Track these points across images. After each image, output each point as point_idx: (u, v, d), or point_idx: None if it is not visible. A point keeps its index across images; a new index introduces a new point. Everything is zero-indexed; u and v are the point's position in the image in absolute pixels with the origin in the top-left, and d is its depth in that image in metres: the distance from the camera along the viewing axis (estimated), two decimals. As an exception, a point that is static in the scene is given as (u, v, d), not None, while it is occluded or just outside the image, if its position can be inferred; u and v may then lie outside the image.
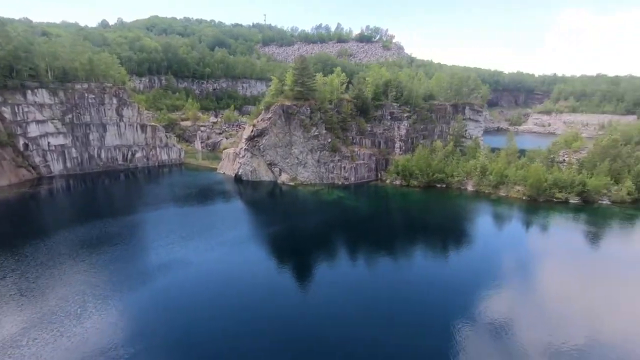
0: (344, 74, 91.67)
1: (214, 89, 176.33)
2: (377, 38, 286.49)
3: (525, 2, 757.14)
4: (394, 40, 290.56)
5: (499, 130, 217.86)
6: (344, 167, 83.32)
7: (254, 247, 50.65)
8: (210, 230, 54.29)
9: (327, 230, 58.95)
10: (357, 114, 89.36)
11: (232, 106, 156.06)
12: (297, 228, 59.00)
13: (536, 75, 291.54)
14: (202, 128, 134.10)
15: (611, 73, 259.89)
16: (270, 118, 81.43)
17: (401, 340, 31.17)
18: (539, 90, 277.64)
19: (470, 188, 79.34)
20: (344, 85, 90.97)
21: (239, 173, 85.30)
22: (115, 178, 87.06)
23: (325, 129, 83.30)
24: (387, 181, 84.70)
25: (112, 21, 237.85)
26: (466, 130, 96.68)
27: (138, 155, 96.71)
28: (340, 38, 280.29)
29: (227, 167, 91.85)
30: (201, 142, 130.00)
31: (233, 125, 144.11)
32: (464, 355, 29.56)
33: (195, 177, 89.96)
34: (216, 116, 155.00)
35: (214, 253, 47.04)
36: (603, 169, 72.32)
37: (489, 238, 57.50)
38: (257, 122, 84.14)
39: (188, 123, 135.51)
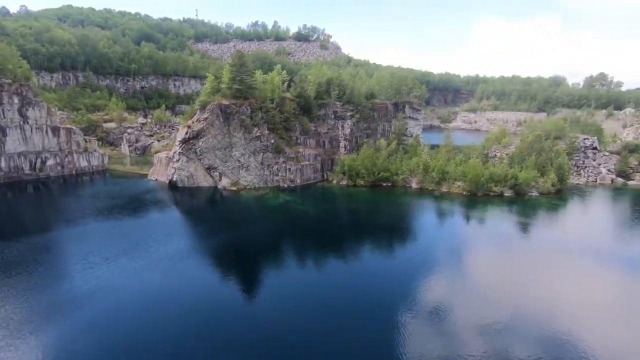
0: (284, 71, 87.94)
1: (142, 87, 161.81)
2: (314, 37, 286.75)
3: (446, 8, 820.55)
4: (331, 40, 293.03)
5: (432, 128, 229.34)
6: (289, 169, 79.77)
7: (194, 262, 44.87)
8: (140, 247, 47.32)
9: (274, 237, 54.99)
10: (300, 113, 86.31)
11: (164, 106, 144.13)
12: (242, 237, 54.28)
13: (462, 76, 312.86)
14: (129, 130, 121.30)
15: (524, 74, 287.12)
16: (206, 118, 74.97)
17: (350, 334, 31.34)
18: (464, 89, 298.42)
19: (414, 185, 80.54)
20: (285, 84, 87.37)
21: (174, 179, 77.49)
22: (20, 190, 74.14)
23: (268, 130, 78.98)
24: (334, 181, 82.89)
25: (13, 9, 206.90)
26: (407, 129, 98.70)
27: (50, 162, 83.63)
28: (278, 36, 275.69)
29: (159, 173, 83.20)
30: (129, 146, 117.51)
31: (165, 127, 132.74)
32: (408, 339, 30.91)
33: (122, 185, 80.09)
34: (145, 117, 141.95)
35: (145, 274, 40.63)
36: (530, 163, 77.70)
37: (432, 233, 58.74)
38: (193, 123, 77.06)
39: (112, 125, 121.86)
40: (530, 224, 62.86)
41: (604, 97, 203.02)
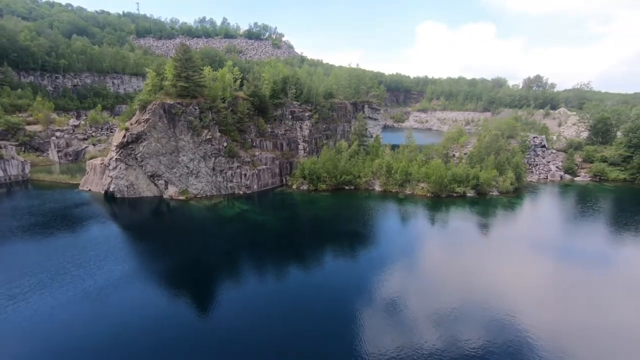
0: (236, 68, 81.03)
1: (75, 85, 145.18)
2: (266, 36, 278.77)
3: (391, 13, 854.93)
4: (283, 39, 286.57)
5: (386, 127, 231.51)
6: (245, 174, 73.16)
7: (133, 291, 37.25)
8: (61, 277, 38.64)
9: (230, 252, 48.49)
10: (255, 113, 79.93)
11: (99, 106, 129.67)
12: (194, 254, 47.25)
13: (411, 77, 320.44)
14: (57, 133, 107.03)
15: (469, 76, 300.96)
16: (148, 120, 66.23)
17: (312, 341, 31.17)
18: (414, 90, 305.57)
19: (377, 188, 77.55)
20: (238, 82, 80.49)
21: (111, 189, 67.79)
22: None
23: (220, 132, 71.82)
24: (294, 186, 77.57)
25: None
26: (366, 129, 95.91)
27: (-48, 173, 69.85)
28: (228, 34, 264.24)
29: (93, 183, 72.67)
30: (58, 152, 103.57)
31: (102, 129, 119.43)
32: (368, 333, 31.51)
33: (46, 198, 68.51)
34: (78, 118, 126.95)
35: (65, 314, 32.57)
36: (490, 162, 77.86)
37: (401, 240, 55.74)
38: (131, 125, 67.84)
39: (37, 127, 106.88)
40: (497, 225, 62.63)
41: (540, 97, 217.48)
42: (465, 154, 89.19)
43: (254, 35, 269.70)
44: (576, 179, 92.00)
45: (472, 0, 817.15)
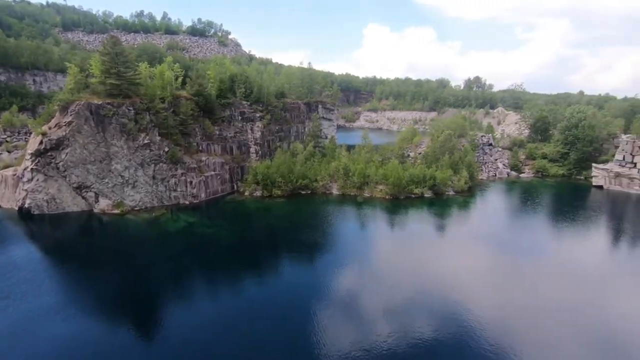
0: (177, 64, 73.38)
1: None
2: (211, 32, 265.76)
3: (336, 15, 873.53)
4: (230, 37, 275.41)
5: (337, 128, 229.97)
6: (191, 182, 66.09)
7: (55, 333, 29.98)
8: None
9: (176, 273, 42.22)
10: (201, 114, 72.85)
11: (15, 107, 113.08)
12: (133, 278, 40.53)
13: (361, 77, 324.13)
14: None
15: (414, 76, 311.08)
16: (71, 123, 56.90)
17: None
18: (364, 90, 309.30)
19: (335, 192, 74.25)
20: (179, 80, 72.85)
21: (26, 205, 57.44)
22: None
23: (160, 135, 64.10)
24: (246, 193, 71.76)
25: None
26: (321, 130, 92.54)
27: None
28: (169, 29, 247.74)
29: (4, 198, 61.46)
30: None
31: (20, 133, 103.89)
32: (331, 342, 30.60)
33: (-59, 218, 56.49)
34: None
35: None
36: (445, 162, 77.99)
37: (357, 244, 53.76)
38: (50, 129, 57.99)
39: None
40: (454, 224, 62.95)
41: (480, 97, 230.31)
42: (419, 153, 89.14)
43: (198, 31, 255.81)
44: (521, 175, 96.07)
45: (412, 6, 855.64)
